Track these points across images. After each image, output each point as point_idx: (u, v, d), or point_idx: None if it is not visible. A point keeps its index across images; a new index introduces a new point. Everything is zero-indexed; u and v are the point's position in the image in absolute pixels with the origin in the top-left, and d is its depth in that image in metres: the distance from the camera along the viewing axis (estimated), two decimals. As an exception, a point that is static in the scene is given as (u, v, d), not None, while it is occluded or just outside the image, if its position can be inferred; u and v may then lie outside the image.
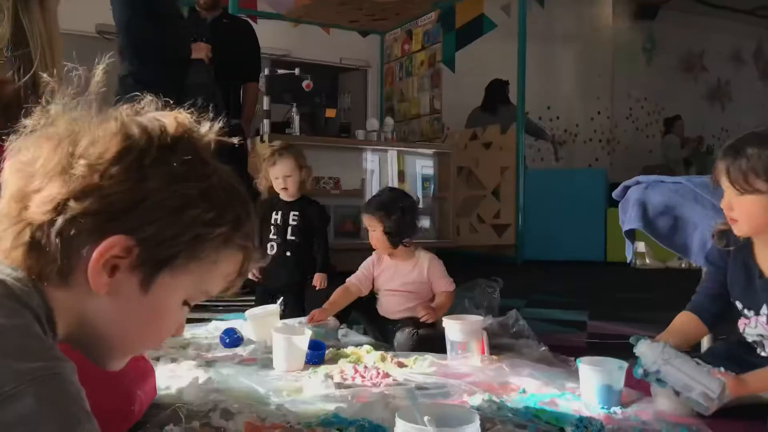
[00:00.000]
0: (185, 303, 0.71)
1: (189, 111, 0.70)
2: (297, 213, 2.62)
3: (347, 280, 2.26)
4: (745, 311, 1.42)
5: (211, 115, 0.72)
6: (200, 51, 3.22)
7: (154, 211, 0.63)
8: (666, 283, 4.10)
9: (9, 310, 0.56)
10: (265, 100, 4.34)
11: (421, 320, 2.06)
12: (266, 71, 4.34)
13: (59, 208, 0.61)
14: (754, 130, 1.36)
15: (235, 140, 0.74)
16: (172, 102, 0.71)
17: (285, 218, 2.62)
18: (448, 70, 5.98)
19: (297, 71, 4.40)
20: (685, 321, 1.52)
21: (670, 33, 8.48)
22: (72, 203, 0.60)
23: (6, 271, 0.61)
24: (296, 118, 4.45)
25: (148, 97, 0.70)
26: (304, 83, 4.38)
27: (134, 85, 2.95)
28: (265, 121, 4.31)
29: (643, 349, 1.38)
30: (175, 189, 0.63)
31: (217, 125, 0.71)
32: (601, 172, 5.72)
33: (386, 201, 2.21)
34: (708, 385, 1.30)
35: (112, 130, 0.64)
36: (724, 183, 1.35)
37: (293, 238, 2.59)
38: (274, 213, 2.62)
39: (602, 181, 5.44)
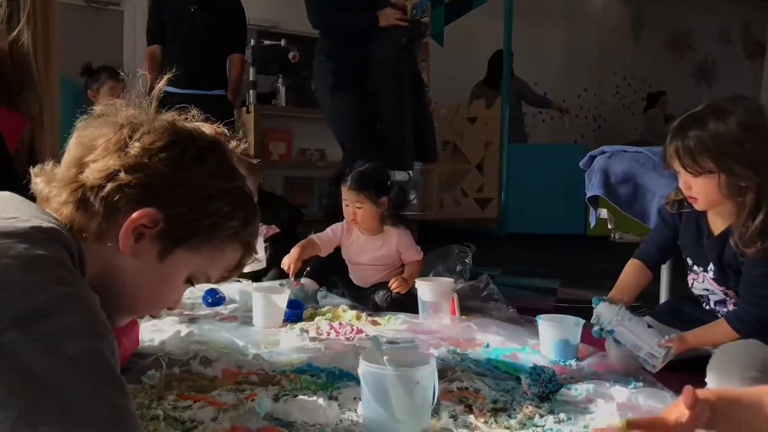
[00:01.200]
0: (188, 280, 0.84)
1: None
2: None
3: (313, 235, 2.26)
4: (695, 267, 1.52)
5: None
6: (389, 17, 3.10)
7: (186, 195, 0.77)
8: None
9: (53, 248, 0.68)
10: (252, 71, 4.37)
11: (393, 291, 2.12)
12: (252, 42, 4.37)
13: (111, 176, 0.75)
14: (696, 108, 1.40)
15: (254, 161, 0.89)
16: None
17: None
18: (436, 44, 6.01)
19: (283, 42, 4.44)
20: (635, 269, 1.63)
21: (657, 11, 8.52)
22: (122, 174, 0.75)
23: (54, 222, 0.73)
24: (282, 90, 4.49)
25: (194, 110, 0.87)
26: (291, 55, 4.42)
27: (327, 65, 3.15)
28: (251, 92, 4.35)
29: (601, 309, 1.50)
30: (206, 182, 0.78)
31: (242, 145, 0.90)
32: (583, 148, 5.80)
33: (376, 178, 2.21)
34: (654, 346, 1.44)
35: (164, 126, 0.79)
36: (677, 166, 1.40)
37: (266, 242, 2.55)
38: None
39: (582, 154, 5.52)
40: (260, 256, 2.40)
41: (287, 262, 2.11)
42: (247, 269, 2.39)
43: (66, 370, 0.61)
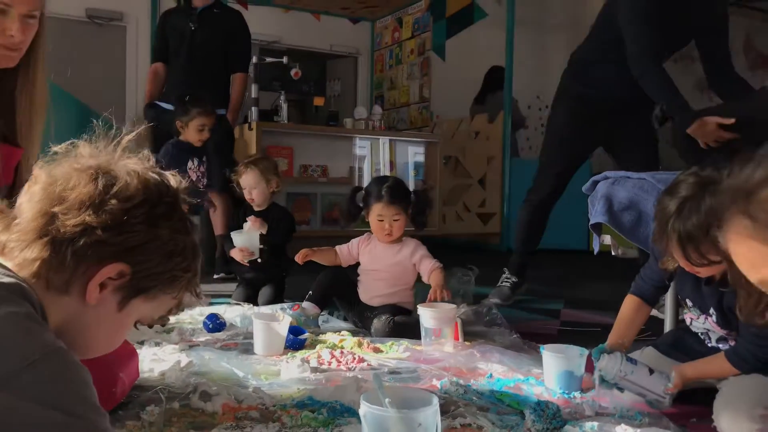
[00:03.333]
0: (135, 322, 0.87)
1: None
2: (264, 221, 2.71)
3: (338, 246, 2.37)
4: (694, 310, 1.50)
5: None
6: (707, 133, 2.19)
7: (154, 251, 0.80)
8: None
9: (17, 303, 0.70)
10: (254, 87, 4.38)
11: (439, 299, 2.09)
12: (254, 59, 4.38)
13: (86, 231, 0.75)
14: (683, 183, 1.32)
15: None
16: None
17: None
18: (437, 58, 6.02)
19: (285, 59, 4.44)
20: (634, 308, 1.61)
21: (659, 23, 8.52)
22: (99, 231, 0.76)
23: (13, 276, 0.74)
24: (284, 106, 4.49)
25: (147, 153, 0.86)
26: (293, 71, 4.43)
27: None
28: (254, 109, 4.35)
29: (603, 364, 1.48)
30: (172, 238, 0.82)
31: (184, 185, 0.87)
32: (586, 163, 5.77)
33: (404, 189, 2.30)
34: (659, 393, 1.43)
35: (138, 181, 0.80)
36: (680, 258, 1.33)
37: (262, 246, 2.65)
38: (245, 223, 2.70)
39: (587, 172, 5.50)
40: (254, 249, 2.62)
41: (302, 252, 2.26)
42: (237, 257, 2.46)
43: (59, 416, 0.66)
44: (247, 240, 2.62)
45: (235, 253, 2.64)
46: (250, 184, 2.71)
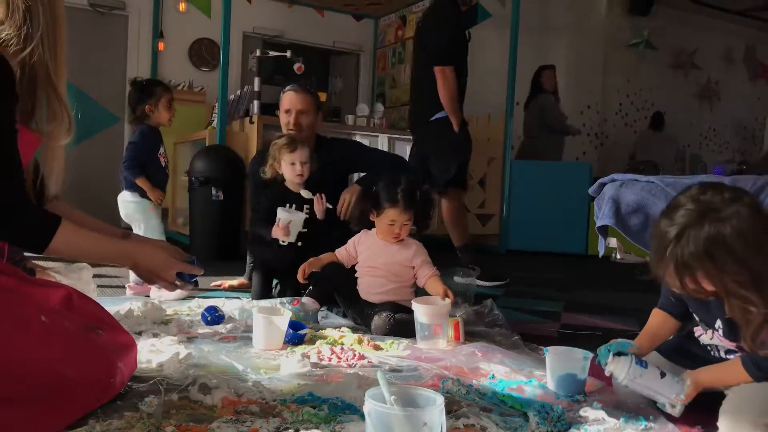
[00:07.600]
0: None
1: None
2: (309, 207, 2.66)
3: (337, 250, 2.33)
4: (702, 325, 1.48)
5: None
6: None
7: None
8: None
9: None
10: (256, 81, 4.35)
11: (451, 302, 2.06)
12: (258, 52, 4.35)
13: None
14: (684, 211, 1.28)
15: None
16: None
17: (299, 210, 2.64)
18: (440, 58, 5.99)
19: (289, 53, 4.42)
20: (660, 321, 1.58)
21: (662, 29, 8.53)
22: None
23: None
24: (286, 100, 4.46)
25: None
26: (296, 66, 4.40)
27: None
28: (255, 102, 4.33)
29: (612, 368, 1.47)
30: None
31: None
32: (586, 166, 5.77)
33: (415, 192, 2.20)
34: (670, 398, 1.40)
35: None
36: (674, 284, 1.31)
37: (304, 230, 2.61)
38: (287, 204, 2.64)
39: (587, 175, 5.51)
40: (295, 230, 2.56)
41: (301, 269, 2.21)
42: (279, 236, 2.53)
43: None
44: (296, 217, 2.54)
45: (276, 231, 2.55)
46: (302, 159, 2.65)
